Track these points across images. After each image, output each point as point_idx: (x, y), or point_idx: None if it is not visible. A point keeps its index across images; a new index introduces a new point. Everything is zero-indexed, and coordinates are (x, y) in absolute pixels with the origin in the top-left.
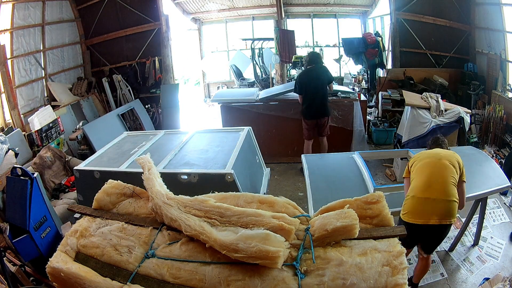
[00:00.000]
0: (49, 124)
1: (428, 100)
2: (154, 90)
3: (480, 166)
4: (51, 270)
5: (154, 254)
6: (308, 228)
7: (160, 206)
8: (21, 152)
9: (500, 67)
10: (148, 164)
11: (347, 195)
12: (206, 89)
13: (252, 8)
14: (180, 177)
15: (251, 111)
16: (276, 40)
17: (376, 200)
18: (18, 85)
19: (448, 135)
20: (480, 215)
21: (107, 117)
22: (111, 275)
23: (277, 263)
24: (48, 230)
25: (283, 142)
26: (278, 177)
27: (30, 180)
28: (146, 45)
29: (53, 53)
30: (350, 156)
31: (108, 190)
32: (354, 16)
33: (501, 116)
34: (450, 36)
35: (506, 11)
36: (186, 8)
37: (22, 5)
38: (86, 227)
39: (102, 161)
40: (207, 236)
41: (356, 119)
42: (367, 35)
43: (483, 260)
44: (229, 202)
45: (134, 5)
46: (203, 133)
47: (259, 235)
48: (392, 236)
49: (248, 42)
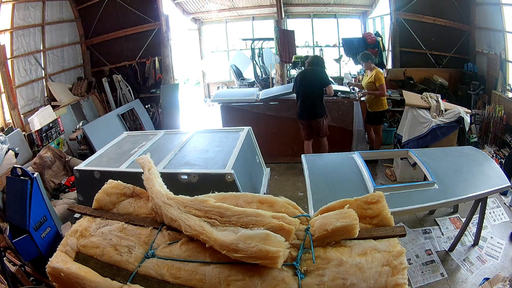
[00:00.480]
0: (49, 124)
1: (428, 100)
2: (154, 90)
3: (480, 166)
4: (51, 270)
5: (154, 254)
6: (308, 228)
7: (160, 206)
8: (21, 152)
9: (500, 67)
10: (148, 164)
11: (347, 195)
12: (206, 89)
13: (252, 8)
14: (180, 177)
15: (251, 111)
16: (276, 40)
17: (376, 200)
18: (18, 85)
19: (448, 135)
20: (480, 215)
21: (107, 117)
22: (111, 275)
23: (277, 263)
24: (48, 230)
25: (283, 142)
26: (278, 177)
27: (30, 180)
28: (146, 45)
29: (53, 53)
30: (350, 156)
31: (108, 190)
32: (354, 16)
33: (501, 116)
34: (450, 36)
35: (506, 11)
36: (186, 8)
37: (22, 5)
38: (86, 227)
39: (102, 161)
40: (207, 236)
41: (356, 119)
42: (367, 35)
43: (483, 260)
44: (229, 202)
45: (134, 5)
46: (203, 133)
47: (259, 235)
48: (392, 236)
49: (248, 42)
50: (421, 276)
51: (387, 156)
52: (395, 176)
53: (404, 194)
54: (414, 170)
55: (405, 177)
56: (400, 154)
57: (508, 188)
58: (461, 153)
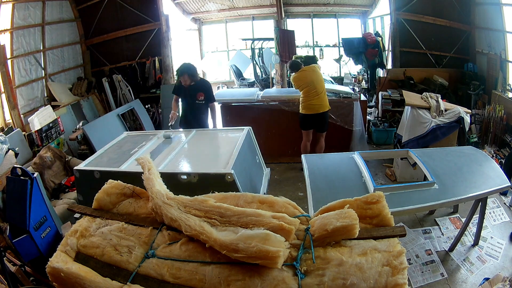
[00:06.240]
0: (49, 124)
1: (428, 100)
2: (154, 90)
3: (480, 166)
4: (51, 270)
5: (154, 254)
6: (308, 228)
7: (160, 206)
8: (21, 152)
9: (500, 67)
10: (148, 164)
11: (347, 195)
12: None
13: (252, 8)
14: (180, 177)
15: (251, 111)
16: (276, 40)
17: (376, 200)
18: (18, 85)
19: (448, 135)
20: (480, 215)
21: (107, 117)
22: (111, 275)
23: (277, 263)
24: (48, 230)
25: (283, 142)
26: (278, 177)
27: (30, 180)
28: (146, 45)
29: (53, 53)
30: (350, 156)
31: (108, 190)
32: (354, 16)
33: (501, 116)
34: (450, 36)
35: (506, 11)
36: (186, 8)
37: (22, 5)
38: (86, 227)
39: (102, 161)
40: (207, 236)
41: (356, 119)
42: (367, 35)
43: (483, 260)
44: (229, 202)
45: (134, 5)
46: (203, 133)
47: (259, 235)
48: (392, 236)
49: (248, 42)
50: (421, 276)
51: (387, 156)
52: (395, 176)
53: (404, 194)
54: (414, 170)
55: (405, 177)
56: (400, 154)
57: (508, 188)
58: (461, 153)
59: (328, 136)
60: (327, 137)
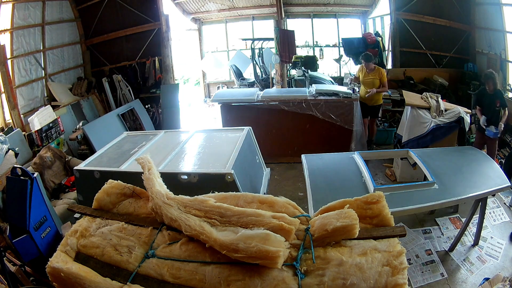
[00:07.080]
0: (49, 124)
1: (428, 100)
2: (154, 90)
3: (480, 166)
4: (51, 270)
5: (154, 254)
6: (308, 228)
7: (160, 206)
8: (21, 152)
9: (500, 67)
10: (148, 164)
11: (347, 195)
12: (206, 89)
13: (252, 8)
14: (180, 177)
15: (251, 111)
16: (276, 40)
17: (376, 200)
18: (18, 85)
19: (448, 135)
20: (480, 215)
21: (107, 117)
22: (111, 275)
23: (277, 263)
24: (48, 230)
25: (283, 142)
26: (278, 177)
27: (30, 180)
28: (146, 45)
29: (53, 53)
30: (350, 156)
31: (108, 190)
32: (354, 16)
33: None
34: (450, 36)
35: (506, 11)
36: (186, 8)
37: (22, 5)
38: (86, 227)
39: (102, 161)
40: (207, 236)
41: (356, 119)
42: (367, 35)
43: (483, 260)
44: (229, 202)
45: (134, 5)
46: (203, 133)
47: (259, 235)
48: (392, 236)
49: (248, 42)
50: (421, 276)
51: (387, 156)
52: (395, 176)
53: (404, 194)
54: (414, 170)
55: (405, 177)
56: (400, 154)
57: (508, 188)
58: (461, 153)
59: (328, 136)
60: (327, 137)
